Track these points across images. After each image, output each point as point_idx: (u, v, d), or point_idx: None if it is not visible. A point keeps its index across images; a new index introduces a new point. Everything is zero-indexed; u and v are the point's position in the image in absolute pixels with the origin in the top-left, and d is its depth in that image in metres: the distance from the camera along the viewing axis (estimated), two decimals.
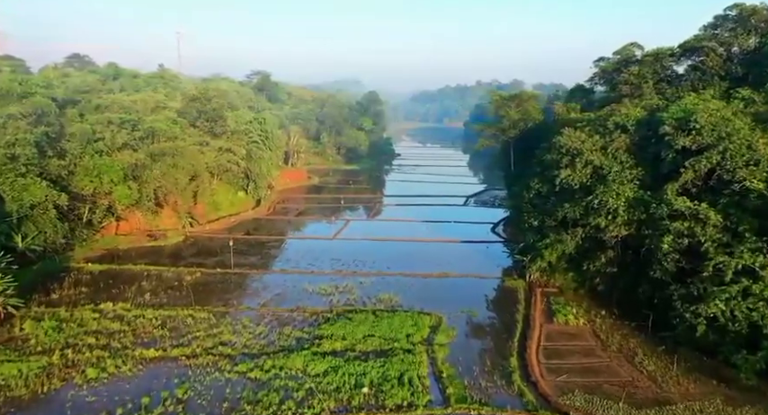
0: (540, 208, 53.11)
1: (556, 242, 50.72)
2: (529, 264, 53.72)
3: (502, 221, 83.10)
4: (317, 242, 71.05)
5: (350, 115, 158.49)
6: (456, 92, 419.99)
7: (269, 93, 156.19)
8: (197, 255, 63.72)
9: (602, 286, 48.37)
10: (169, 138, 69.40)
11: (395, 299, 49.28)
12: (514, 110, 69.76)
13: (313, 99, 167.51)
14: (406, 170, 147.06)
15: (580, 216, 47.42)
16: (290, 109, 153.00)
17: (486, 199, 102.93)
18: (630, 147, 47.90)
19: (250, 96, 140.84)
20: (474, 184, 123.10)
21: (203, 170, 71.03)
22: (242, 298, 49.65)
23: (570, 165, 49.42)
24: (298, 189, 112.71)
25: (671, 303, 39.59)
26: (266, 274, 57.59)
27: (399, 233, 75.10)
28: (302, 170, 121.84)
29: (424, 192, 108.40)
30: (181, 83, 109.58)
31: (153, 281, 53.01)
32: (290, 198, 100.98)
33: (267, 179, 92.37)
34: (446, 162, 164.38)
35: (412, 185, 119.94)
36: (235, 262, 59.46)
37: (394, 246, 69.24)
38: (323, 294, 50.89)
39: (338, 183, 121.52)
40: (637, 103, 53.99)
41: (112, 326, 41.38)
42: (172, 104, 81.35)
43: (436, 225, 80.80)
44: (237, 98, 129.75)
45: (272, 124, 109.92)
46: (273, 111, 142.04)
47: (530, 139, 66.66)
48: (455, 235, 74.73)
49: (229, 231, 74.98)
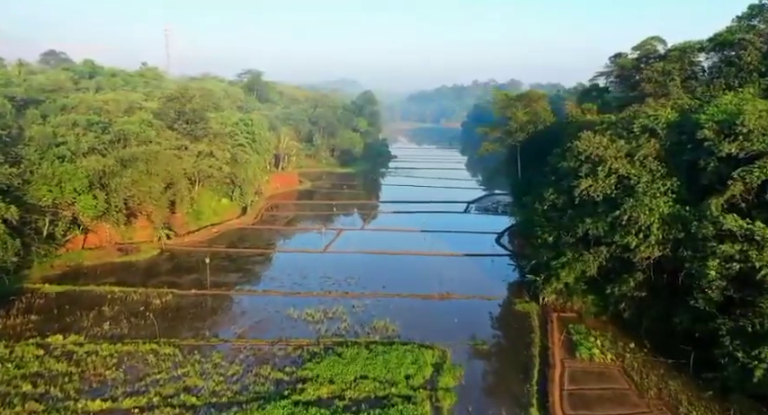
0: (556, 222, 46.93)
1: (574, 261, 44.62)
2: (542, 285, 47.59)
3: (507, 231, 77.02)
4: (306, 256, 64.70)
5: (344, 116, 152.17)
6: (453, 92, 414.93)
7: (259, 93, 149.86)
8: (171, 272, 57.32)
9: (628, 313, 42.22)
10: (142, 142, 62.94)
11: (391, 328, 43.02)
12: (522, 111, 63.63)
13: (306, 99, 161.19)
14: (403, 173, 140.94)
15: (604, 233, 41.29)
16: (282, 109, 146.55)
17: (487, 206, 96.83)
18: (661, 154, 41.83)
19: (239, 96, 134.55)
20: (474, 188, 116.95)
21: (181, 176, 64.62)
22: (216, 327, 43.24)
23: (591, 174, 43.32)
24: (288, 194, 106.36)
25: (717, 338, 33.52)
26: (247, 296, 51.25)
27: (396, 245, 68.87)
28: (293, 174, 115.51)
29: (422, 197, 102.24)
30: (163, 83, 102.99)
31: (116, 306, 46.54)
32: (280, 205, 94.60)
33: (254, 184, 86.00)
34: (444, 164, 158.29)
35: (409, 189, 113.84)
36: (213, 281, 53.13)
37: (390, 260, 63.04)
38: (309, 321, 44.58)
39: (331, 188, 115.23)
40: (663, 103, 47.95)
41: (57, 367, 34.92)
42: (149, 105, 74.90)
43: (436, 234, 74.58)
44: (225, 98, 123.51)
45: (261, 125, 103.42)
46: (264, 112, 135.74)
47: (540, 143, 60.57)
48: (456, 247, 68.54)
49: (210, 243, 68.59)
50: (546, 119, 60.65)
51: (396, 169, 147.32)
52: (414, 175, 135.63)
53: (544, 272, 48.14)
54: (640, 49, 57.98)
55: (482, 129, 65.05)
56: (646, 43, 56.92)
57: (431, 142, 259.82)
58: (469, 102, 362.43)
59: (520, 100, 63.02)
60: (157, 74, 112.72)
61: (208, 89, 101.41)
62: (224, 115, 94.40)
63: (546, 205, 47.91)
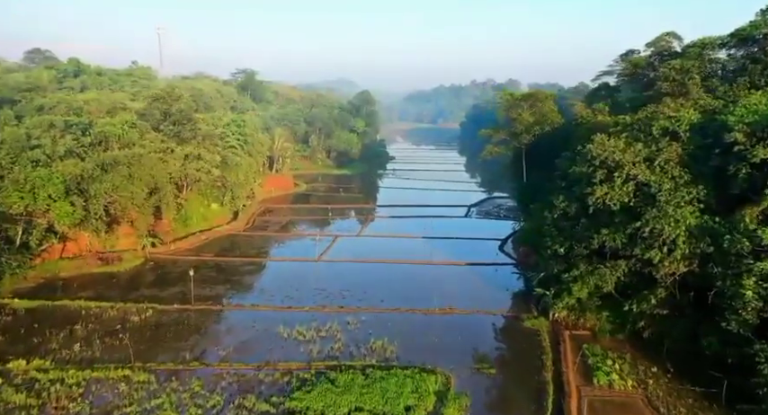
0: (567, 232, 43.36)
1: (588, 274, 41.10)
2: (553, 300, 44.05)
3: (510, 237, 73.51)
4: (299, 265, 61.02)
5: (341, 116, 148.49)
6: (451, 92, 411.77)
7: (254, 93, 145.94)
8: (154, 284, 53.60)
9: (648, 333, 38.70)
10: (125, 145, 59.26)
11: (389, 348, 39.42)
12: (528, 111, 60.06)
13: (301, 99, 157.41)
14: (401, 174, 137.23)
15: (623, 245, 37.76)
16: (277, 109, 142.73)
17: (489, 210, 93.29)
18: (684, 159, 38.31)
19: (232, 96, 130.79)
20: (474, 191, 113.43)
21: (166, 181, 60.89)
22: (198, 348, 39.53)
23: (606, 181, 39.80)
24: (282, 197, 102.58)
25: (753, 365, 30.04)
26: (234, 311, 47.53)
27: (394, 253, 65.30)
28: (288, 176, 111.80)
29: (421, 201, 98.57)
30: (153, 82, 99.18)
31: (90, 323, 42.81)
32: (273, 209, 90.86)
33: (246, 188, 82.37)
34: (443, 166, 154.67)
35: (407, 193, 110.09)
36: (198, 295, 49.45)
37: (388, 270, 59.42)
38: (300, 340, 40.94)
39: (327, 191, 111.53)
40: (683, 103, 44.44)
41: (15, 399, 31.21)
42: (134, 105, 71.12)
43: (436, 241, 71.00)
44: (218, 98, 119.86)
45: (254, 126, 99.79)
46: (258, 112, 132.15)
47: (547, 146, 57.08)
48: (458, 255, 64.99)
49: (198, 251, 64.89)
50: (553, 120, 57.11)
51: (394, 170, 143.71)
52: (412, 177, 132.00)
53: (554, 286, 44.64)
54: (654, 46, 54.59)
55: (485, 132, 61.47)
56: (660, 39, 53.50)
57: (429, 142, 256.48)
58: (467, 102, 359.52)
59: (526, 100, 59.43)
60: (147, 73, 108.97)
61: (198, 89, 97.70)
62: (215, 116, 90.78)
63: (556, 213, 44.33)
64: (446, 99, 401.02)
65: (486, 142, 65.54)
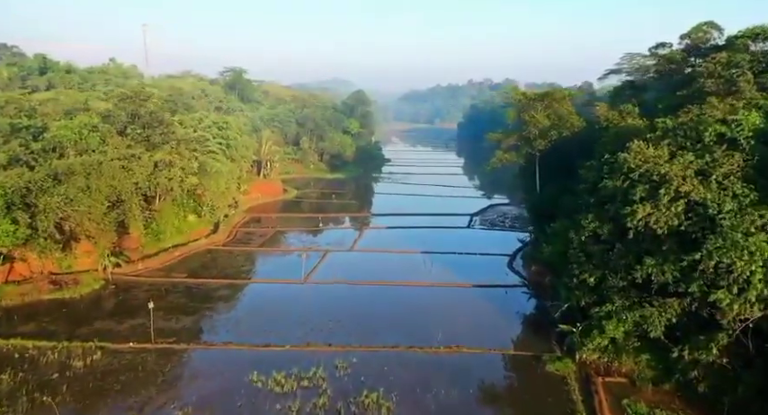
0: (599, 259, 36.23)
1: (624, 310, 34.01)
2: (580, 339, 36.89)
3: (519, 251, 66.41)
4: (283, 288, 53.66)
5: (334, 117, 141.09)
6: (447, 92, 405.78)
7: (242, 92, 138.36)
8: (112, 314, 46.13)
9: (704, 386, 31.50)
10: (82, 151, 51.80)
11: (385, 405, 32.06)
12: (542, 113, 52.85)
13: (293, 98, 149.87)
14: (398, 178, 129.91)
15: (675, 280, 30.60)
16: (267, 109, 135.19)
17: (493, 219, 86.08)
18: (748, 172, 31.27)
19: (219, 96, 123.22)
20: (476, 197, 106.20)
21: (130, 192, 53.45)
22: (149, 407, 32.08)
23: (649, 198, 32.70)
24: (270, 205, 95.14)
25: None
26: (202, 350, 40.14)
27: (391, 273, 58.08)
28: (276, 182, 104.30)
29: (420, 208, 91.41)
30: (129, 81, 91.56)
31: (22, 372, 35.25)
32: (259, 219, 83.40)
33: (227, 197, 74.90)
34: (441, 169, 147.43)
35: (404, 199, 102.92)
36: (161, 328, 42.09)
37: (384, 294, 52.19)
38: (277, 392, 33.57)
39: (319, 197, 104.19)
40: (732, 104, 37.39)
41: None
42: (99, 106, 63.55)
43: (437, 257, 63.81)
44: (202, 98, 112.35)
45: (239, 128, 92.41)
46: (246, 113, 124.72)
47: (566, 153, 50.03)
48: (462, 274, 57.85)
49: (169, 271, 57.39)
50: (573, 123, 49.89)
51: (390, 174, 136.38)
52: (410, 181, 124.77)
53: (582, 321, 37.52)
54: (690, 38, 47.46)
55: (494, 136, 54.07)
56: (697, 30, 46.50)
57: (426, 143, 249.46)
58: (464, 102, 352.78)
59: (540, 100, 52.16)
60: (123, 71, 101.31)
61: (178, 88, 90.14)
62: (195, 117, 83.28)
63: (585, 235, 37.13)
64: (442, 99, 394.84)
65: (493, 147, 58.08)
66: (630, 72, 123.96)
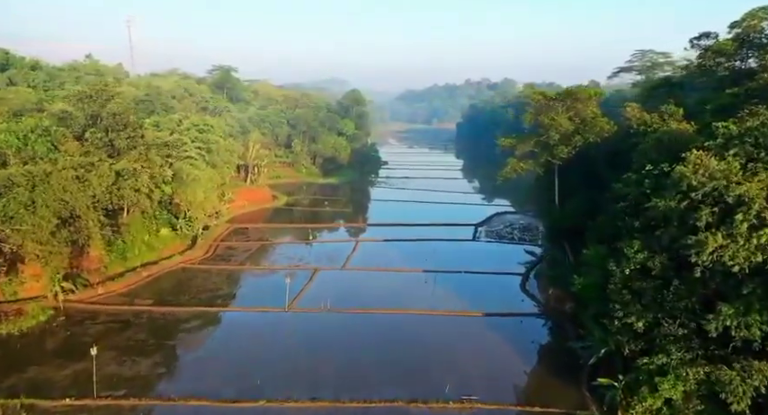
0: (650, 299, 29.02)
1: (684, 365, 26.85)
2: (625, 397, 29.67)
3: (532, 269, 59.28)
4: (263, 317, 46.29)
5: (328, 118, 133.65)
6: (445, 92, 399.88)
7: (230, 92, 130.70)
8: (54, 356, 38.73)
9: None
10: (28, 159, 44.30)
11: None
12: (564, 115, 45.56)
13: (284, 98, 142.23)
14: (395, 183, 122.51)
15: (765, 338, 23.40)
16: (257, 110, 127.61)
17: (500, 230, 78.79)
18: None
19: (204, 95, 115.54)
20: (480, 205, 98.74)
21: (86, 206, 45.97)
22: None
23: (721, 225, 25.52)
24: (257, 214, 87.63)
25: None
26: (156, 407, 32.69)
27: (388, 297, 50.96)
28: (264, 188, 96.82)
29: (419, 217, 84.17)
30: (102, 78, 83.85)
31: None
32: (242, 232, 75.93)
33: (207, 207, 67.35)
34: (441, 172, 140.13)
35: (402, 206, 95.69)
36: (108, 376, 34.81)
37: (379, 326, 44.99)
38: None
39: (310, 205, 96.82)
40: None
41: None
42: (56, 106, 55.93)
43: (440, 276, 56.55)
44: (186, 98, 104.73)
45: (222, 131, 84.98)
46: (234, 113, 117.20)
47: (593, 162, 42.80)
48: (469, 299, 50.71)
49: (133, 297, 49.87)
50: (601, 128, 42.50)
51: (387, 178, 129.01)
52: (408, 186, 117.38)
53: (625, 373, 30.31)
54: (740, 27, 40.22)
55: (507, 141, 46.56)
56: (751, 16, 39.16)
57: (423, 144, 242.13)
58: (463, 102, 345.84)
59: (562, 101, 44.78)
60: (97, 68, 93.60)
61: (156, 86, 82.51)
62: (173, 119, 75.79)
63: (630, 267, 29.91)
64: (440, 99, 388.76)
65: (506, 155, 50.54)
66: (642, 70, 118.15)
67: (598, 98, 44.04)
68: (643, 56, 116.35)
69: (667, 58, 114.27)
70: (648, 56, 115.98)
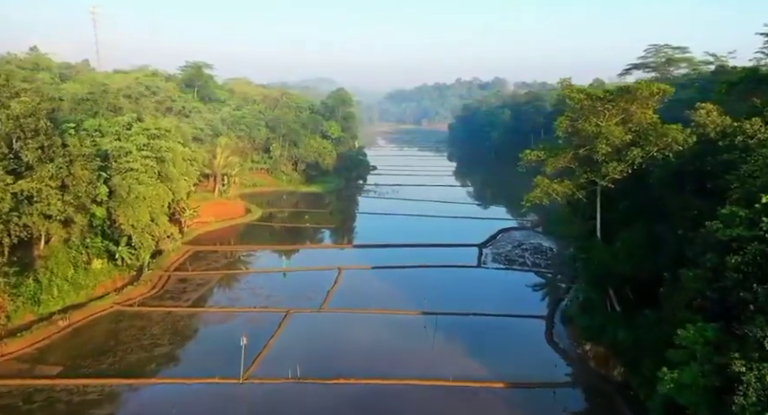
0: None
1: None
2: None
3: (556, 309, 47.88)
4: (208, 393, 34.20)
5: (311, 119, 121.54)
6: (434, 91, 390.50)
7: (202, 90, 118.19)
8: None
9: None
10: None
11: None
12: (613, 119, 33.85)
13: (264, 97, 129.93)
14: (385, 191, 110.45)
15: None
16: (232, 110, 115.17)
17: (509, 252, 67.17)
18: None
19: (171, 94, 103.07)
20: (482, 218, 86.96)
21: None
22: None
23: None
24: (225, 232, 75.49)
25: None
26: None
27: (377, 354, 39.51)
28: (235, 201, 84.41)
29: (413, 235, 72.64)
30: (40, 74, 71.20)
31: None
32: (203, 256, 63.63)
33: (157, 230, 55.07)
34: (434, 178, 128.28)
35: (393, 221, 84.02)
36: None
37: (366, 402, 33.13)
38: None
39: (288, 219, 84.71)
40: None
41: None
42: None
43: (441, 320, 44.97)
44: (147, 96, 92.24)
45: (184, 135, 72.71)
46: (205, 114, 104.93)
47: (657, 185, 31.27)
48: (482, 356, 39.12)
49: (37, 361, 37.52)
50: (674, 138, 30.48)
51: (376, 186, 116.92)
52: (399, 195, 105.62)
53: None
54: None
55: (533, 154, 34.31)
56: None
57: (414, 146, 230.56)
58: (453, 102, 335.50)
59: (613, 101, 32.77)
60: (36, 62, 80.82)
61: (102, 84, 69.92)
62: (119, 121, 63.31)
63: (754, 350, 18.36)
64: (430, 98, 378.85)
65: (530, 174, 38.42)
66: (657, 66, 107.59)
67: (662, 96, 32.59)
68: (657, 51, 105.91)
69: (684, 54, 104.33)
70: (663, 51, 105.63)
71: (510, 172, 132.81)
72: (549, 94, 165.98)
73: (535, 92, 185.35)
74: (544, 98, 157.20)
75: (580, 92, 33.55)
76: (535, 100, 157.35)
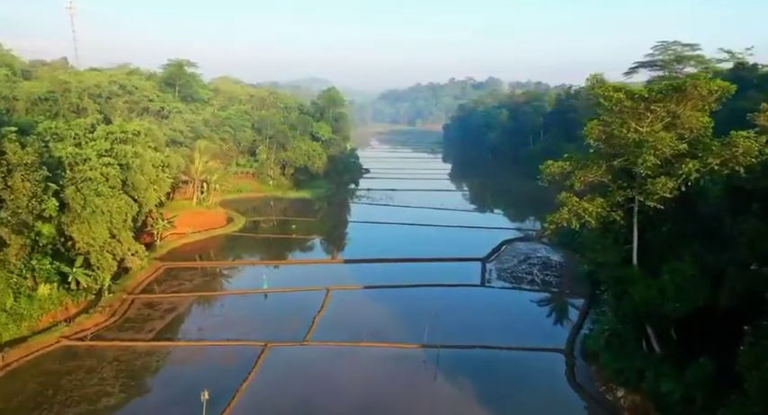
0: None
1: None
2: None
3: (574, 338, 41.61)
4: None
5: (300, 120, 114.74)
6: (428, 91, 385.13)
7: (185, 89, 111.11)
8: None
9: None
10: None
11: None
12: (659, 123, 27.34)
13: (250, 97, 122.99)
14: (378, 197, 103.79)
15: None
16: (217, 111, 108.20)
17: (514, 267, 60.81)
18: None
19: (148, 94, 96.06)
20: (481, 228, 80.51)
21: None
22: None
23: None
24: (203, 244, 68.79)
25: None
26: None
27: (372, 399, 33.01)
28: (215, 210, 77.50)
29: (408, 247, 66.42)
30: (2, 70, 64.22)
31: None
32: (176, 274, 56.88)
33: (119, 248, 48.33)
34: (429, 182, 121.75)
35: (387, 231, 77.57)
36: None
37: None
38: None
39: (274, 229, 78.07)
40: None
41: None
42: None
43: (445, 354, 38.58)
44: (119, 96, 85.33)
45: (157, 139, 65.89)
46: (186, 115, 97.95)
47: (718, 207, 25.01)
48: (492, 403, 32.72)
49: None
50: (746, 150, 23.71)
51: (369, 191, 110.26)
52: (394, 201, 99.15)
53: None
54: None
55: (557, 166, 27.60)
56: None
57: (407, 146, 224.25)
58: (447, 102, 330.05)
59: (661, 101, 26.26)
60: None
61: (64, 82, 63.01)
62: (81, 124, 56.61)
63: None
64: (424, 98, 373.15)
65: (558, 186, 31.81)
66: (665, 64, 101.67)
67: (721, 96, 26.21)
68: (666, 48, 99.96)
69: (695, 51, 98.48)
70: (672, 48, 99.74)
71: (509, 175, 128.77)
72: (547, 94, 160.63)
73: (534, 92, 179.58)
74: (543, 98, 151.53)
75: (617, 90, 27.14)
76: (534, 100, 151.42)
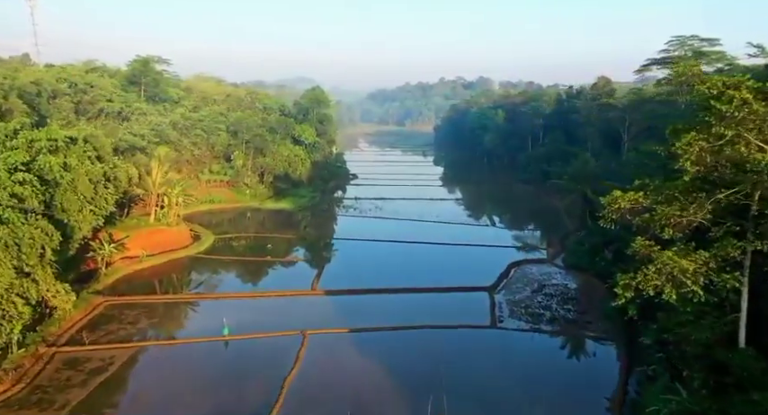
0: None
1: None
2: None
3: (613, 397, 31.89)
4: None
5: (281, 123, 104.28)
6: (418, 90, 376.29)
7: (152, 88, 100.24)
8: None
9: None
10: None
11: None
12: None
13: (226, 97, 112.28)
14: (366, 208, 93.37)
15: None
16: (187, 112, 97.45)
17: (527, 299, 50.90)
18: None
19: (105, 93, 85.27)
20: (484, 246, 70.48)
21: None
22: None
23: None
24: (159, 270, 58.27)
25: None
26: None
27: None
28: (177, 228, 66.54)
29: (401, 273, 56.74)
30: None
31: None
32: (113, 317, 46.03)
33: (35, 289, 37.69)
34: (421, 190, 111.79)
35: (376, 249, 67.57)
36: None
37: None
38: None
39: (247, 249, 67.78)
40: None
41: None
42: None
43: None
44: (70, 96, 74.55)
45: (103, 146, 55.26)
46: (151, 117, 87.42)
47: None
48: None
49: None
50: None
51: (356, 201, 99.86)
52: (383, 213, 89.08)
53: None
54: None
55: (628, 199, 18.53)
56: None
57: (396, 148, 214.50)
58: (438, 102, 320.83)
59: None
60: None
61: None
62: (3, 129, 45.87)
63: None
64: (413, 98, 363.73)
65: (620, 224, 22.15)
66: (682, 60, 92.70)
67: None
68: (682, 43, 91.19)
69: (714, 46, 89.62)
70: (689, 43, 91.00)
71: (506, 180, 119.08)
72: (546, 94, 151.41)
73: (531, 92, 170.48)
74: (541, 98, 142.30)
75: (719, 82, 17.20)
76: (532, 100, 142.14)
